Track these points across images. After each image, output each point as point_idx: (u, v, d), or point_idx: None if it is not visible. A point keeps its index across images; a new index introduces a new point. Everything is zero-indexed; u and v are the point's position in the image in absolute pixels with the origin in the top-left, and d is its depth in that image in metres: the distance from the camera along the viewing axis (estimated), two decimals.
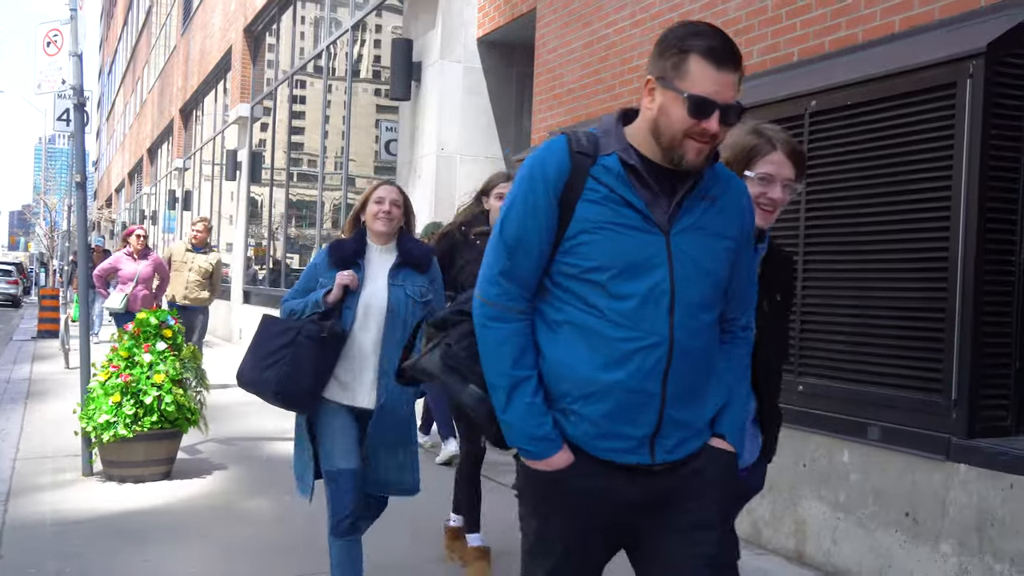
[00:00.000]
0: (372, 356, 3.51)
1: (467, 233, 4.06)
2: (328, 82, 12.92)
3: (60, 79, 6.47)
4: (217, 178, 19.79)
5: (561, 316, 1.96)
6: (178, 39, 25.14)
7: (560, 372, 1.95)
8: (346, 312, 3.50)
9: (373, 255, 3.61)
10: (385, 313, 3.51)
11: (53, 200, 50.47)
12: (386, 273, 3.58)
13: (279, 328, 3.50)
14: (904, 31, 4.19)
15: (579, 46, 6.76)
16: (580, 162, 1.94)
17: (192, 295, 9.49)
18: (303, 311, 3.51)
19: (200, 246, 9.70)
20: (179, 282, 9.49)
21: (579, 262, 1.91)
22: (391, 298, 3.54)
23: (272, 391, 3.43)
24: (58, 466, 6.12)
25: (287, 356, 3.39)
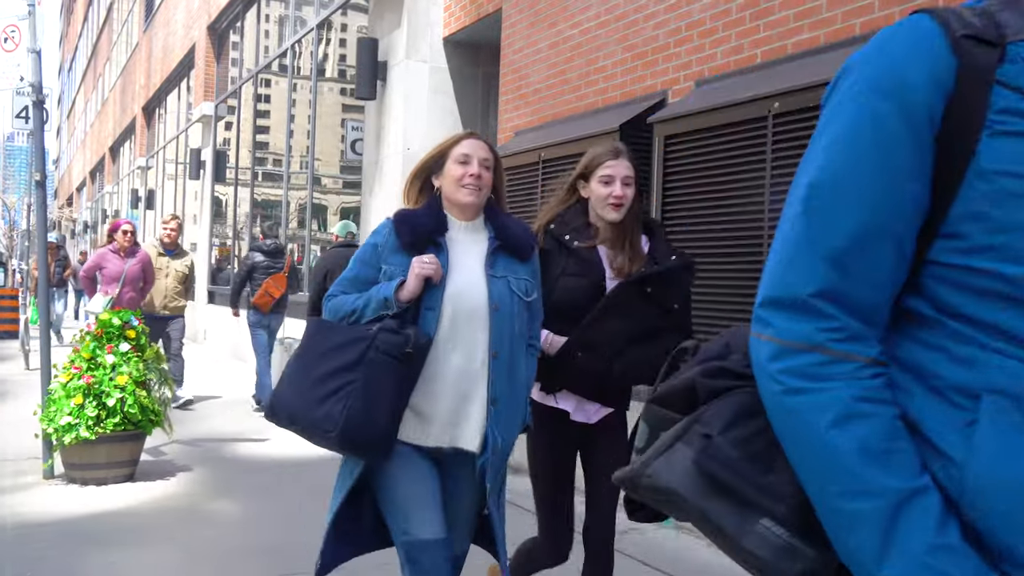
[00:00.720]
0: (464, 378, 2.60)
1: (560, 235, 3.04)
2: (293, 81, 12.84)
3: (18, 76, 6.38)
4: (181, 177, 19.60)
5: (974, 377, 0.99)
6: (140, 36, 24.85)
7: (993, 497, 0.96)
8: (426, 315, 2.58)
9: (457, 234, 2.71)
10: (487, 316, 2.62)
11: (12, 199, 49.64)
12: (480, 260, 2.69)
13: (340, 339, 2.55)
14: (865, 33, 4.25)
15: (545, 46, 6.78)
16: (973, 58, 1.01)
17: (172, 303, 8.74)
18: (362, 312, 2.60)
19: (172, 248, 8.88)
20: (157, 290, 8.63)
21: (996, 265, 0.99)
22: (493, 294, 2.64)
23: (334, 433, 2.45)
24: (18, 469, 6.02)
25: (356, 382, 2.46)
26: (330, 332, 2.59)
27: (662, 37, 5.57)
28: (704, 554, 4.59)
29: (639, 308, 2.93)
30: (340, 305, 2.67)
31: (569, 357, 2.91)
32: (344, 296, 2.68)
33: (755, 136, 4.61)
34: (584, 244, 3.00)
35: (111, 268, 8.17)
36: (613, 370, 2.92)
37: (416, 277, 2.54)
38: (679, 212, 5.16)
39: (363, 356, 2.48)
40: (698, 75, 5.27)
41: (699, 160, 4.99)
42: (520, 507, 5.35)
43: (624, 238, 3.03)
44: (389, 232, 2.68)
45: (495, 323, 2.61)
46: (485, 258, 2.69)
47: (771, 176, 4.51)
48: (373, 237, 2.73)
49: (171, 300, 8.71)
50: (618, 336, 2.90)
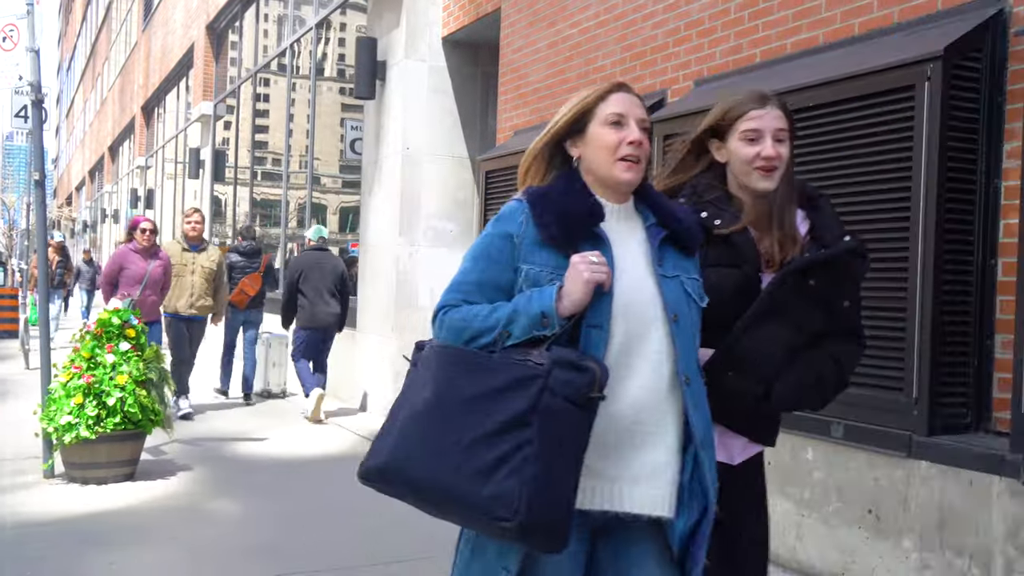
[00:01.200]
0: (644, 415, 1.94)
1: (696, 214, 2.25)
2: (292, 80, 12.84)
3: (17, 75, 6.38)
4: (180, 176, 19.60)
5: None
6: (139, 35, 24.85)
7: None
8: (590, 335, 1.89)
9: (609, 222, 2.02)
10: (666, 330, 1.98)
11: (11, 198, 49.63)
12: (642, 255, 2.02)
13: (494, 378, 1.83)
14: (864, 34, 4.26)
15: (544, 46, 6.79)
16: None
17: (199, 303, 8.17)
18: (504, 331, 1.87)
19: (197, 242, 8.32)
20: (181, 290, 8.08)
21: None
22: (669, 301, 1.99)
23: (514, 522, 1.75)
24: (17, 468, 6.03)
25: (531, 443, 1.76)
26: (474, 367, 1.86)
27: (661, 37, 5.58)
28: None
29: (800, 308, 2.25)
30: (467, 320, 1.92)
31: (715, 377, 2.16)
32: (470, 308, 1.93)
33: None
34: (731, 226, 2.27)
35: (133, 269, 7.62)
36: (772, 392, 2.24)
37: (586, 283, 1.85)
38: None
39: (536, 403, 1.78)
40: (697, 75, 5.28)
41: None
42: None
43: (777, 214, 2.30)
44: (526, 219, 1.98)
45: (679, 339, 1.97)
46: (650, 253, 2.02)
47: None
48: (502, 225, 2.00)
49: (199, 299, 8.14)
50: (776, 347, 2.24)
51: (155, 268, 7.68)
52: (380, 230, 8.73)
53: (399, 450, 1.88)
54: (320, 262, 8.52)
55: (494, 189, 7.04)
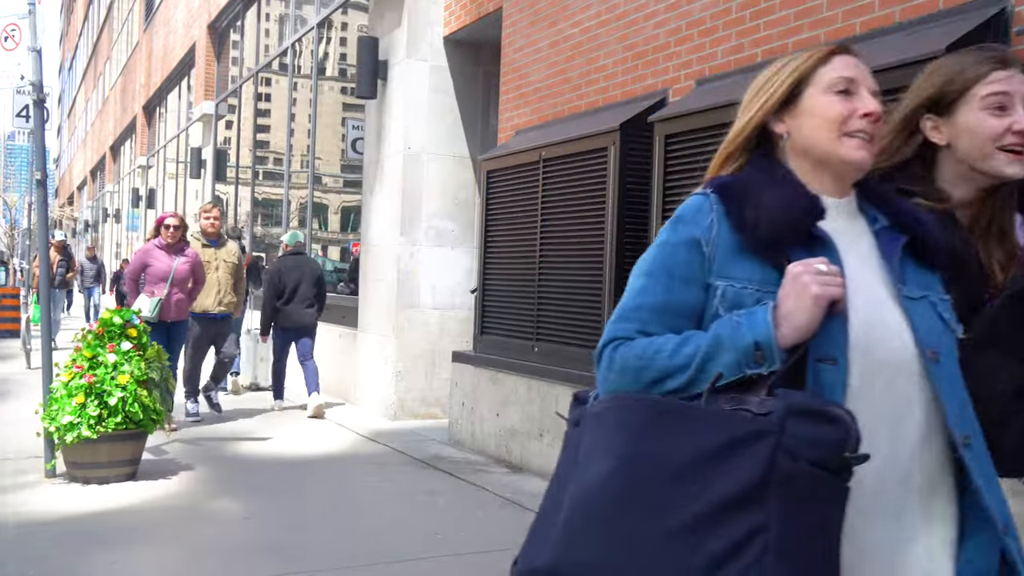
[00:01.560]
0: (899, 486, 1.41)
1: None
2: (294, 80, 12.84)
3: (19, 74, 6.39)
4: (181, 176, 19.60)
5: None
6: (140, 35, 24.86)
7: None
8: (821, 373, 1.39)
9: (832, 221, 1.51)
10: (918, 372, 1.45)
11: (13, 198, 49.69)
12: (877, 266, 1.52)
13: (702, 439, 1.30)
14: (865, 33, 4.26)
15: (545, 45, 6.79)
16: None
17: (227, 299, 8.06)
18: (701, 370, 1.38)
19: (215, 237, 8.18)
20: (208, 287, 7.88)
21: None
22: (921, 331, 1.47)
23: None
24: (19, 467, 6.03)
25: (768, 529, 1.24)
26: (670, 424, 1.33)
27: (663, 36, 5.58)
28: None
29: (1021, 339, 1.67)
30: (648, 357, 1.42)
31: None
32: (650, 341, 1.44)
33: None
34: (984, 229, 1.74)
35: (158, 266, 7.30)
36: (1004, 439, 1.61)
37: (815, 300, 1.36)
38: None
39: (769, 471, 1.26)
40: (699, 74, 5.28)
41: (700, 159, 4.99)
42: (523, 507, 5.38)
43: (995, 216, 1.76)
44: (716, 220, 1.49)
45: (943, 384, 1.45)
46: (884, 265, 1.51)
47: None
48: (685, 228, 1.51)
49: (226, 295, 8.03)
50: (1006, 381, 1.65)
51: (181, 265, 7.37)
52: (381, 230, 8.74)
53: (574, 544, 1.33)
54: (299, 266, 8.77)
55: (495, 189, 7.04)
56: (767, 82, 1.66)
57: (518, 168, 6.68)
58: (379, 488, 5.72)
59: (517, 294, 6.68)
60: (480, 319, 7.19)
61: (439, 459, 6.72)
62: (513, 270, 6.74)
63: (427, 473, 6.28)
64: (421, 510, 5.35)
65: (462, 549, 4.53)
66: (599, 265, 5.76)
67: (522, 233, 6.62)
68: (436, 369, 8.39)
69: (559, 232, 6.22)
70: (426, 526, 4.96)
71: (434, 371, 8.42)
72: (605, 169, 5.74)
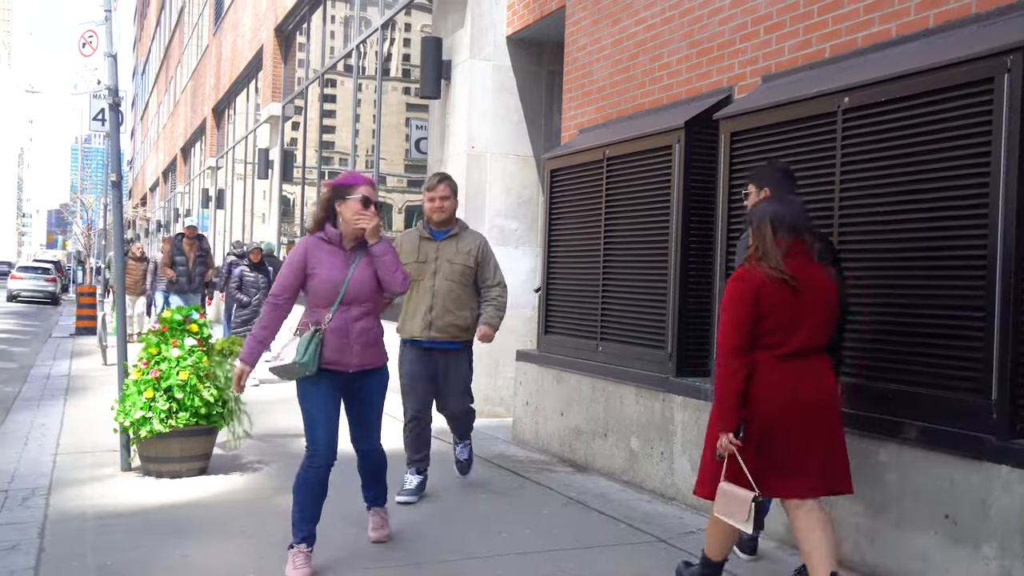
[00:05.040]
0: None
1: None
2: (358, 81, 12.98)
3: (96, 79, 6.57)
4: (249, 177, 19.97)
5: None
6: (210, 39, 25.38)
7: None
8: None
9: None
10: None
11: (90, 199, 51.17)
12: None
13: None
14: (939, 25, 4.15)
15: (609, 43, 6.75)
16: None
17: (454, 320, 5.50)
18: None
19: (444, 227, 5.51)
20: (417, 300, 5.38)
21: None
22: None
23: None
24: (97, 461, 6.22)
25: None
26: None
27: (728, 32, 5.51)
28: (776, 554, 4.53)
29: None
30: None
31: None
32: None
33: (824, 132, 4.53)
34: None
35: (326, 276, 4.98)
36: None
37: None
38: (745, 210, 5.09)
39: None
40: (765, 70, 5.20)
41: (766, 157, 4.92)
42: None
43: None
44: None
45: None
46: None
47: (841, 173, 4.43)
48: None
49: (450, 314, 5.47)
50: None
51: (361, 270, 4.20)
52: None
53: None
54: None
55: (559, 188, 7.03)
56: None
57: (582, 167, 6.66)
58: (442, 486, 5.75)
59: (581, 293, 6.66)
60: (544, 318, 7.18)
61: (503, 457, 6.74)
62: (577, 269, 6.72)
63: (491, 471, 6.30)
64: (485, 508, 5.36)
65: (527, 548, 4.53)
66: (663, 264, 5.72)
67: (586, 232, 6.60)
68: (500, 368, 8.41)
69: (623, 231, 6.19)
70: (490, 524, 4.98)
71: (498, 370, 8.44)
72: (670, 167, 5.69)
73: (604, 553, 4.54)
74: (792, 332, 3.49)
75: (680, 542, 4.72)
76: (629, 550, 4.58)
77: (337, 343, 4.08)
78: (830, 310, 3.58)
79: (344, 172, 3.95)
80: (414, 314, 5.44)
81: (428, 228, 5.53)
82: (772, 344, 3.50)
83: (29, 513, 4.95)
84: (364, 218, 4.09)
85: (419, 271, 5.39)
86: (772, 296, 3.47)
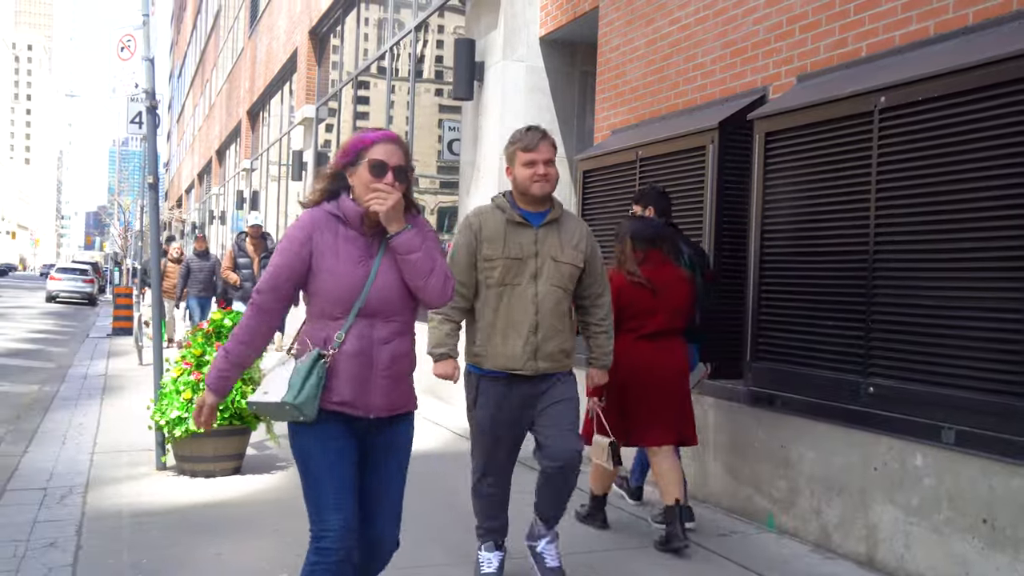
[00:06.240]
0: None
1: None
2: (391, 83, 13.04)
3: (133, 83, 6.67)
4: (284, 178, 20.12)
5: None
6: (245, 42, 25.62)
7: None
8: None
9: None
10: None
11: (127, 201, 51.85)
12: None
13: None
14: (979, 23, 4.09)
15: (642, 44, 6.73)
16: None
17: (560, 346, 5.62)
18: None
19: (543, 207, 3.88)
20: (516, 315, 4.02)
21: None
22: None
23: None
24: (133, 460, 6.29)
25: None
26: None
27: (762, 32, 5.47)
28: (807, 560, 4.49)
29: None
30: None
31: None
32: None
33: (860, 132, 4.48)
34: None
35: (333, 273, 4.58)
36: None
37: None
38: (780, 211, 5.05)
39: None
40: (800, 70, 5.15)
41: (801, 157, 4.88)
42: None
43: None
44: None
45: None
46: None
47: (877, 173, 4.37)
48: None
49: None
50: None
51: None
52: None
53: None
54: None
55: (591, 188, 7.01)
56: None
57: (615, 168, 6.64)
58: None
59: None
60: None
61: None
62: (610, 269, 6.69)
63: (526, 473, 6.28)
64: (519, 508, 5.35)
65: (564, 549, 4.52)
66: None
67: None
68: None
69: None
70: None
71: None
72: (703, 168, 5.65)
73: (638, 555, 4.52)
74: (649, 319, 4.58)
75: (715, 544, 4.68)
76: (654, 553, 4.56)
77: (355, 374, 2.75)
78: (683, 303, 4.69)
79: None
80: (508, 334, 3.80)
81: (517, 208, 3.87)
82: (633, 328, 4.57)
83: (67, 511, 5.02)
84: (377, 194, 2.71)
85: (513, 271, 3.79)
86: (630, 294, 4.56)
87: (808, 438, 4.77)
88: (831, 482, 4.60)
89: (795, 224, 4.95)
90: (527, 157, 3.79)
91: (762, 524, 5.06)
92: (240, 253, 10.69)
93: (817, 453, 4.70)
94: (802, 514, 4.80)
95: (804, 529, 4.78)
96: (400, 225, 2.76)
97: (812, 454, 4.74)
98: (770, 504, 5.03)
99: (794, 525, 4.85)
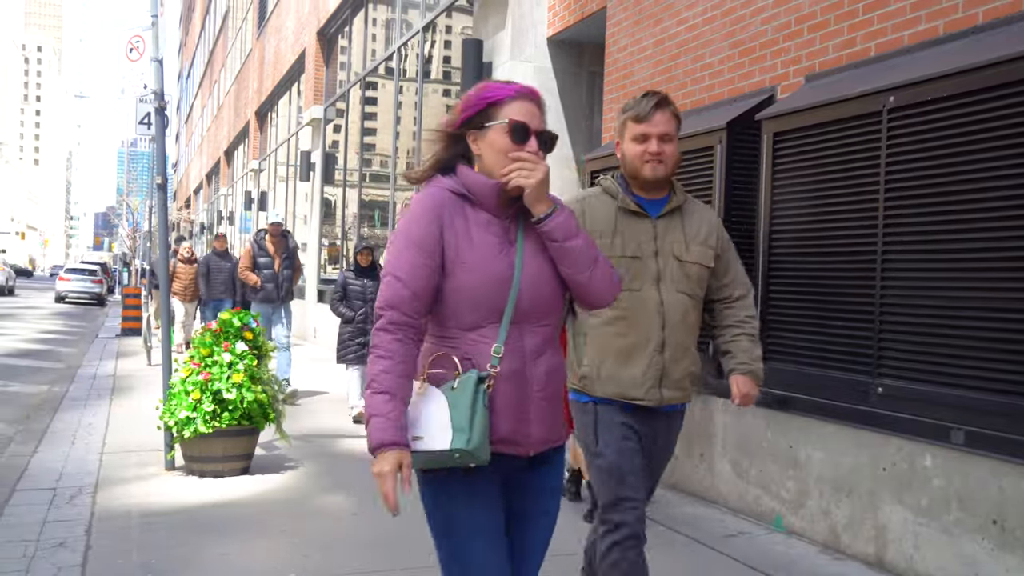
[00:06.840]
0: None
1: None
2: (399, 83, 13.05)
3: (142, 84, 6.69)
4: (291, 179, 20.17)
5: None
6: (253, 43, 25.68)
7: None
8: None
9: None
10: None
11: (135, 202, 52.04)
12: None
13: None
14: (988, 22, 4.07)
15: (650, 44, 6.72)
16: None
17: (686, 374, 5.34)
18: None
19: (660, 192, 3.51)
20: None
21: None
22: None
23: None
24: (142, 460, 6.31)
25: None
26: None
27: (770, 32, 5.46)
28: (815, 561, 4.48)
29: None
30: None
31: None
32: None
33: (869, 132, 4.47)
34: None
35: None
36: None
37: None
38: (788, 212, 5.04)
39: None
40: (808, 70, 5.14)
41: (810, 158, 4.87)
42: None
43: None
44: None
45: None
46: None
47: (886, 174, 4.36)
48: None
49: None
50: None
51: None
52: None
53: None
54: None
55: None
56: None
57: (620, 169, 6.62)
58: None
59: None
60: None
61: None
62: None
63: None
64: None
65: (566, 548, 4.52)
66: None
67: None
68: None
69: None
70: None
71: None
72: (711, 168, 5.64)
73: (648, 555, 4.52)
74: None
75: (722, 546, 4.68)
76: (658, 552, 4.56)
77: (511, 400, 2.15)
78: None
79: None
80: (629, 355, 3.01)
81: (631, 193, 3.25)
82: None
83: (76, 511, 5.03)
84: (522, 165, 2.16)
85: (630, 274, 3.02)
86: None
87: (817, 439, 4.76)
88: (840, 483, 4.60)
89: (803, 224, 4.94)
90: (638, 129, 3.13)
91: (770, 525, 5.05)
92: (260, 252, 9.79)
93: (826, 453, 4.69)
94: (811, 515, 4.79)
95: (812, 530, 4.77)
96: (548, 205, 2.19)
97: (821, 455, 4.73)
98: (778, 505, 5.03)
99: (802, 526, 4.84)
